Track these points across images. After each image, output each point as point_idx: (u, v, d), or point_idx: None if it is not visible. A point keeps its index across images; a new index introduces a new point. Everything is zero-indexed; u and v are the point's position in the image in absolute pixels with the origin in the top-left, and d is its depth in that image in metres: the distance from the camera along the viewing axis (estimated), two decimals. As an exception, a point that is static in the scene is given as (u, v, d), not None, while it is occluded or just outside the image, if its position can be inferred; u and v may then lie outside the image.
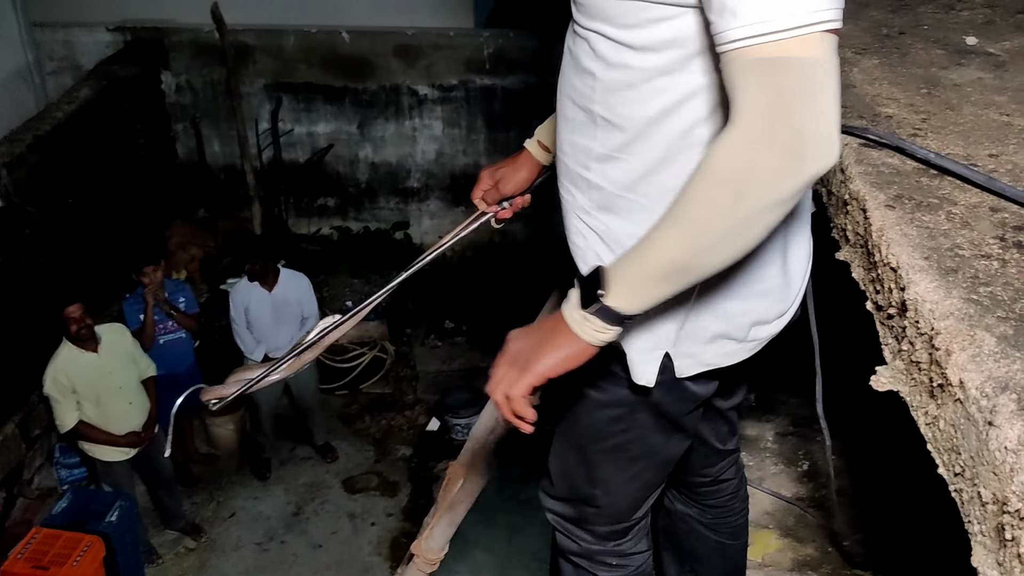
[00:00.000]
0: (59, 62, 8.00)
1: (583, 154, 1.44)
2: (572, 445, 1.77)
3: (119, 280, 7.15)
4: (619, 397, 1.59)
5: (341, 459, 6.76)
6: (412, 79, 8.03)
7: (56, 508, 5.43)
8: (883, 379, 1.04)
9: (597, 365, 1.50)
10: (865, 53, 1.72)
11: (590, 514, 1.85)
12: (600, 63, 1.32)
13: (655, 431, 1.65)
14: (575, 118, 1.44)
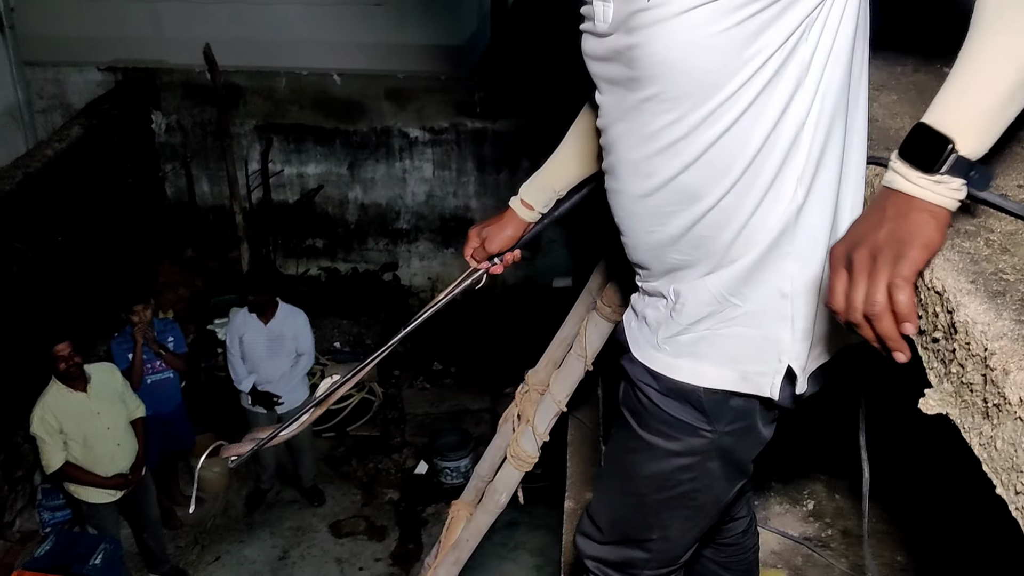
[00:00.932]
0: (49, 100, 8.01)
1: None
2: (629, 492, 1.73)
3: (107, 319, 7.08)
4: (692, 446, 1.57)
5: (328, 502, 6.67)
6: (403, 121, 8.08)
7: (39, 551, 5.32)
8: (931, 402, 1.04)
9: (667, 415, 1.56)
10: (883, 90, 1.75)
11: (639, 559, 1.81)
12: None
13: (722, 479, 1.64)
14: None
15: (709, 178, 1.35)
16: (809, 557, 2.76)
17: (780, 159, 1.33)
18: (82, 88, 7.99)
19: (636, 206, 1.48)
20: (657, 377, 1.56)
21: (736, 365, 1.47)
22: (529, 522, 5.91)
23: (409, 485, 6.89)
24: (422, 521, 6.54)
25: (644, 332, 1.59)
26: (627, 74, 1.37)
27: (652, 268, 1.55)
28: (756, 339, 1.45)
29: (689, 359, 1.51)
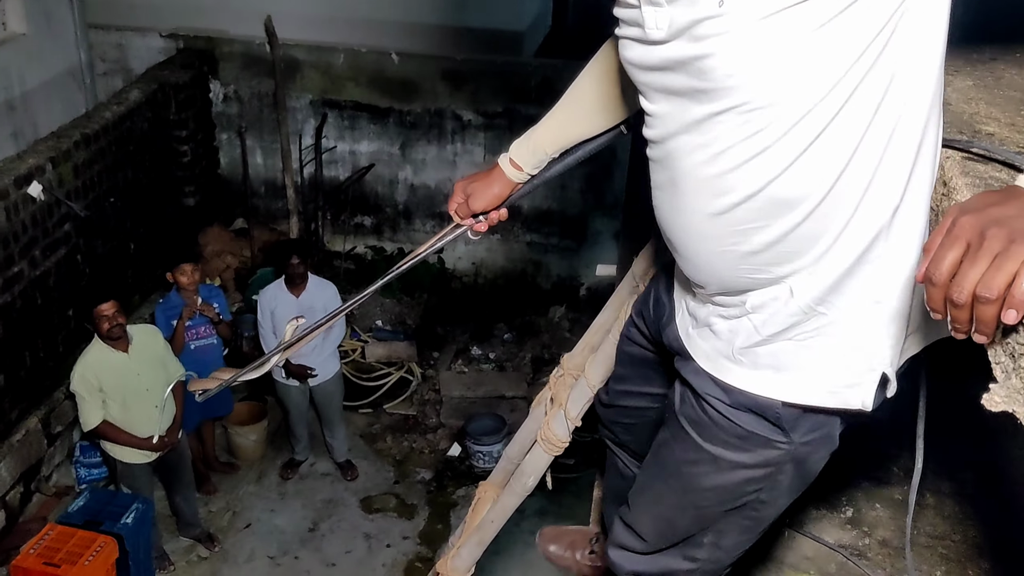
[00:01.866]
0: (111, 64, 8.10)
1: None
2: (686, 504, 1.64)
3: (154, 283, 7.17)
4: (766, 458, 1.49)
5: (360, 478, 6.68)
6: (457, 104, 8.04)
7: (73, 506, 5.39)
8: (996, 398, 0.97)
9: (739, 428, 1.47)
10: (957, 75, 1.66)
11: (682, 571, 1.74)
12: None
13: (789, 489, 1.57)
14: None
15: (802, 186, 1.25)
16: (843, 565, 2.67)
17: (878, 157, 1.23)
18: (143, 53, 8.07)
19: (707, 225, 1.34)
20: (728, 391, 1.46)
21: (823, 378, 1.37)
22: (558, 512, 5.85)
23: (441, 466, 6.89)
24: (452, 503, 6.53)
25: (712, 342, 1.47)
26: (693, 85, 1.25)
27: (723, 285, 1.42)
28: (845, 350, 1.35)
29: (769, 371, 1.40)
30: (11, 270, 5.68)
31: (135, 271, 7.14)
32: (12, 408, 5.83)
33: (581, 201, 8.14)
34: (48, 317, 6.10)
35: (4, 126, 6.61)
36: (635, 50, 1.33)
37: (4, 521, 5.77)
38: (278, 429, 6.95)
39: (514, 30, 8.00)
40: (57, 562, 4.94)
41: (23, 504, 5.96)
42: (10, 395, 5.79)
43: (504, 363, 7.93)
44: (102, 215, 6.60)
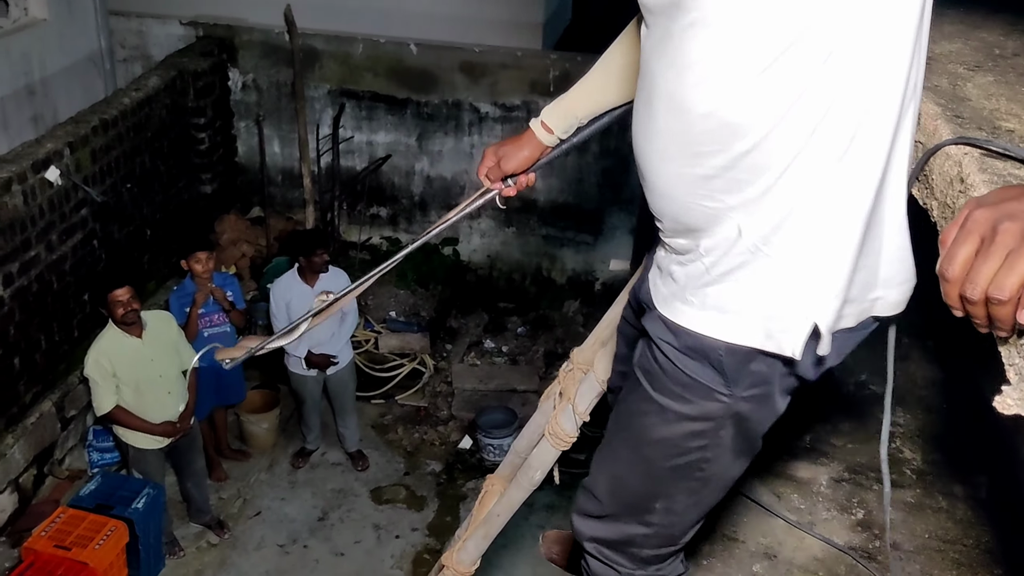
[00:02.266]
0: (131, 51, 8.12)
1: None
2: (636, 459, 1.68)
3: (169, 269, 7.20)
4: (707, 411, 1.53)
5: (371, 468, 6.69)
6: (475, 96, 8.02)
7: (84, 489, 5.41)
8: (1009, 400, 0.94)
9: (684, 375, 1.52)
10: (978, 71, 1.63)
11: (639, 536, 1.77)
12: None
13: (732, 450, 1.60)
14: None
15: (751, 114, 1.29)
16: (853, 567, 2.64)
17: (826, 105, 1.26)
18: (163, 41, 8.08)
19: (669, 143, 1.41)
20: (678, 333, 1.51)
21: (763, 321, 1.41)
22: (567, 507, 5.81)
23: (452, 458, 6.88)
24: (462, 495, 6.52)
25: (670, 287, 1.53)
26: (668, 2, 1.32)
27: (679, 218, 1.47)
28: (786, 294, 1.39)
29: (715, 312, 1.45)
30: (28, 254, 5.70)
31: (151, 257, 7.16)
32: (27, 391, 5.86)
33: (598, 195, 8.10)
34: (64, 301, 6.12)
35: (24, 111, 6.64)
36: None
37: (17, 503, 5.81)
38: (290, 417, 6.96)
39: (534, 22, 7.96)
40: (68, 545, 4.97)
41: (36, 487, 5.99)
42: (25, 378, 5.82)
43: (517, 357, 7.91)
44: (119, 201, 6.62)
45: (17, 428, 5.78)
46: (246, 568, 5.85)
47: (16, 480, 5.78)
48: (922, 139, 1.42)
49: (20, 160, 5.69)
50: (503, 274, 8.63)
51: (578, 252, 8.40)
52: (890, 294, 1.49)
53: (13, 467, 5.73)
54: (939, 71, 1.61)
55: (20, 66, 6.56)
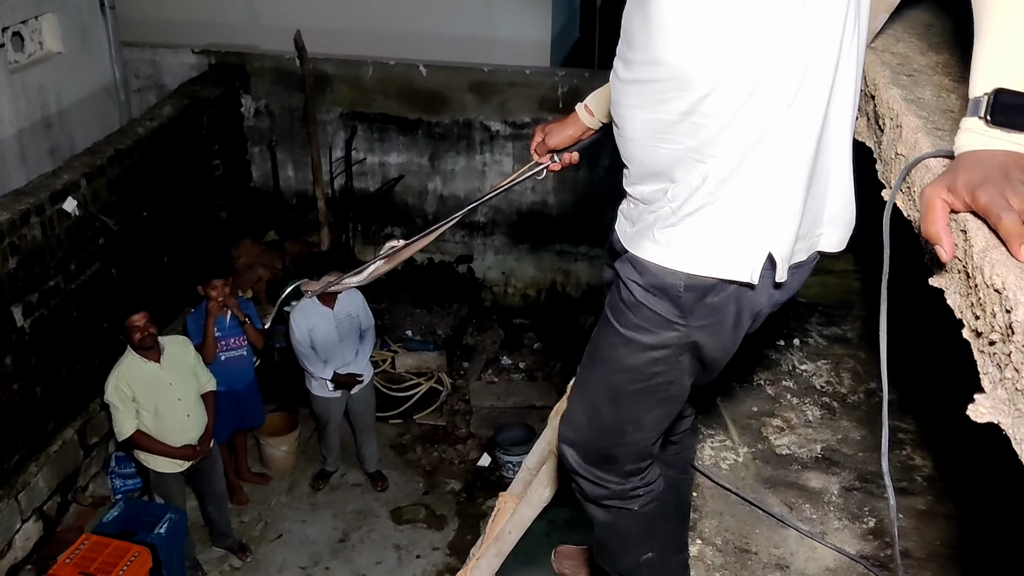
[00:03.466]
0: (144, 80, 8.25)
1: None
2: (608, 386, 1.88)
3: (186, 295, 7.27)
4: (666, 339, 1.73)
5: (390, 488, 6.71)
6: (485, 114, 8.08)
7: (107, 516, 5.47)
8: (982, 409, 0.96)
9: (647, 310, 1.72)
10: (963, 82, 1.64)
11: (618, 454, 1.98)
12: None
13: (689, 373, 1.82)
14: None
15: (704, 65, 1.49)
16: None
17: (773, 55, 1.46)
18: (176, 70, 8.21)
19: (640, 92, 1.60)
20: (643, 272, 1.68)
21: (720, 252, 1.60)
22: (587, 523, 5.84)
23: (471, 477, 6.90)
24: (482, 513, 6.52)
25: (639, 229, 1.71)
26: None
27: (646, 161, 1.67)
28: (744, 228, 1.58)
29: (678, 247, 1.63)
30: (47, 284, 5.79)
31: (168, 284, 7.24)
32: (49, 419, 5.94)
33: (611, 210, 8.11)
34: (83, 330, 6.20)
35: (42, 143, 6.75)
36: None
37: (42, 531, 5.87)
38: (309, 439, 7.00)
39: (542, 40, 8.02)
40: (93, 571, 5.02)
41: (60, 514, 6.06)
42: (47, 407, 5.90)
43: (534, 373, 7.93)
44: (136, 229, 6.70)
45: (40, 456, 5.85)
46: (268, 591, 5.90)
47: (41, 508, 5.85)
48: (904, 151, 1.44)
49: (38, 192, 5.78)
50: (518, 290, 8.66)
51: (592, 267, 8.42)
52: (834, 232, 1.70)
53: (37, 495, 5.80)
54: (924, 83, 1.63)
55: (37, 99, 6.67)
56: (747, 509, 2.93)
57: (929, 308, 1.46)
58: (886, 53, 1.84)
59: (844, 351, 3.80)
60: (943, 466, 3.05)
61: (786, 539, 2.80)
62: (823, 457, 3.17)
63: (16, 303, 5.53)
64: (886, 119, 1.57)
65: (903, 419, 3.30)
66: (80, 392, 6.22)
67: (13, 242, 5.46)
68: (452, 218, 2.42)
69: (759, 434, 3.30)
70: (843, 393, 3.52)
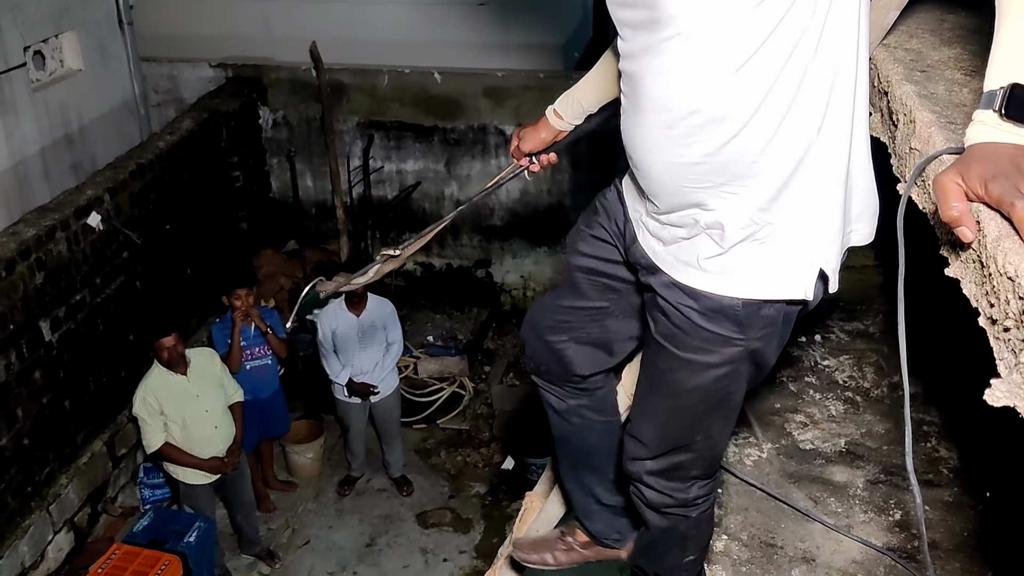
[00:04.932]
0: (164, 95, 8.34)
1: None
2: (674, 408, 1.92)
3: (210, 305, 7.35)
4: (728, 356, 1.77)
5: (416, 493, 6.76)
6: (500, 119, 8.12)
7: (137, 526, 5.54)
8: (998, 393, 0.99)
9: (706, 332, 1.74)
10: (976, 76, 1.67)
11: (687, 461, 2.01)
12: None
13: (748, 377, 1.86)
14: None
15: (729, 108, 1.51)
16: (892, 568, 2.65)
17: (796, 86, 1.49)
18: (194, 83, 8.30)
19: (658, 137, 1.61)
20: (697, 297, 1.71)
21: (773, 275, 1.65)
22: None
23: (496, 480, 6.93)
24: (507, 516, 6.56)
25: (680, 255, 1.72)
26: (648, 16, 1.52)
27: (673, 199, 1.68)
28: (790, 249, 1.63)
29: (730, 275, 1.67)
30: (74, 298, 5.87)
31: (192, 295, 7.32)
32: (78, 432, 6.02)
33: (627, 211, 8.13)
34: (110, 343, 6.29)
35: (64, 159, 6.85)
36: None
37: (73, 542, 5.95)
38: (334, 446, 7.06)
39: (555, 43, 8.06)
40: (124, 581, 5.09)
41: (91, 525, 6.14)
42: (75, 419, 5.98)
43: (555, 375, 7.94)
44: (159, 242, 6.78)
45: (70, 468, 5.93)
46: (297, 597, 5.95)
47: (72, 519, 5.92)
48: (918, 146, 1.46)
49: (62, 208, 5.87)
50: (537, 293, 8.68)
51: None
52: (862, 227, 1.74)
53: (68, 506, 5.88)
54: (936, 78, 1.65)
55: (58, 116, 6.77)
56: (772, 504, 2.95)
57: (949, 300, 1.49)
58: (899, 49, 1.86)
59: (866, 345, 3.80)
60: (969, 458, 3.05)
61: (812, 533, 2.81)
62: (847, 451, 3.18)
63: (44, 318, 5.62)
64: (900, 115, 1.60)
65: (928, 412, 3.31)
66: (108, 404, 6.30)
67: (40, 258, 5.55)
68: (442, 222, 2.57)
69: (782, 430, 3.32)
70: (866, 387, 3.53)
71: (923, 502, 2.86)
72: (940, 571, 2.60)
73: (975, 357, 1.53)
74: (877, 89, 1.84)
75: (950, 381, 3.36)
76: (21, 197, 6.31)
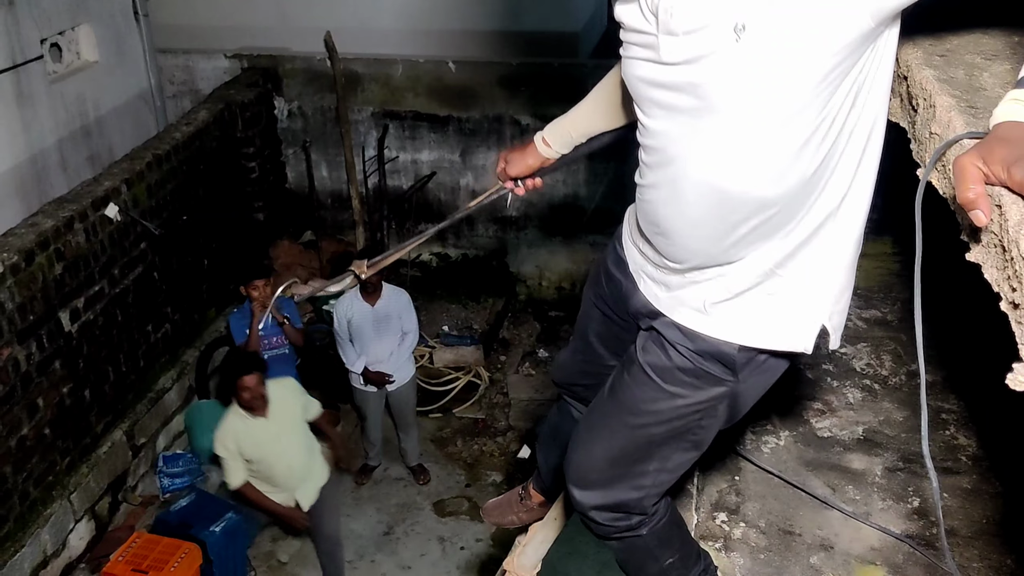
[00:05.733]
0: (179, 86, 8.37)
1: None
2: (641, 436, 1.91)
3: (227, 297, 7.39)
4: (713, 394, 1.81)
5: (432, 481, 6.79)
6: (515, 109, 8.11)
7: (176, 505, 5.62)
8: (1021, 377, 0.98)
9: (698, 369, 1.78)
10: (996, 59, 1.66)
11: (632, 500, 2.02)
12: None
13: (721, 420, 1.89)
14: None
15: (780, 189, 1.54)
16: (911, 555, 2.65)
17: (833, 164, 1.54)
18: (210, 74, 8.32)
19: (703, 215, 1.61)
20: (694, 339, 1.76)
21: (776, 326, 1.70)
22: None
23: (512, 468, 6.94)
24: (523, 505, 6.57)
25: (685, 298, 1.76)
26: (696, 104, 1.50)
27: (702, 264, 1.70)
28: (796, 304, 1.68)
29: (733, 321, 1.71)
30: (92, 289, 5.91)
31: (209, 286, 7.36)
32: (98, 422, 6.07)
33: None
34: (128, 333, 6.33)
35: (81, 151, 6.89)
36: (645, 69, 1.59)
37: (94, 530, 6.01)
38: (351, 435, 7.09)
39: (569, 32, 8.04)
40: (145, 568, 5.14)
41: (111, 514, 6.19)
42: (95, 409, 6.03)
43: (571, 364, 7.94)
44: (176, 232, 6.82)
45: (91, 458, 5.98)
46: (316, 584, 5.99)
47: (92, 508, 5.98)
48: (938, 131, 1.46)
49: (80, 199, 5.91)
50: (552, 283, 8.69)
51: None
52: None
53: (89, 496, 5.94)
54: (956, 62, 1.64)
55: (75, 108, 6.81)
56: (790, 491, 2.95)
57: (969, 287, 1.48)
58: (918, 33, 1.85)
59: (884, 333, 3.79)
60: (988, 445, 3.04)
61: (830, 520, 2.82)
62: (865, 439, 3.18)
63: (63, 308, 5.66)
64: (919, 99, 1.59)
65: (947, 399, 3.30)
66: (127, 394, 6.35)
67: (58, 248, 5.59)
68: (418, 238, 2.58)
69: (800, 418, 3.32)
70: (884, 375, 3.53)
71: (941, 489, 2.86)
72: (958, 558, 2.60)
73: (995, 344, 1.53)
74: (896, 74, 1.83)
75: (969, 369, 3.35)
76: (39, 188, 6.36)
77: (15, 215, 5.89)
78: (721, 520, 2.85)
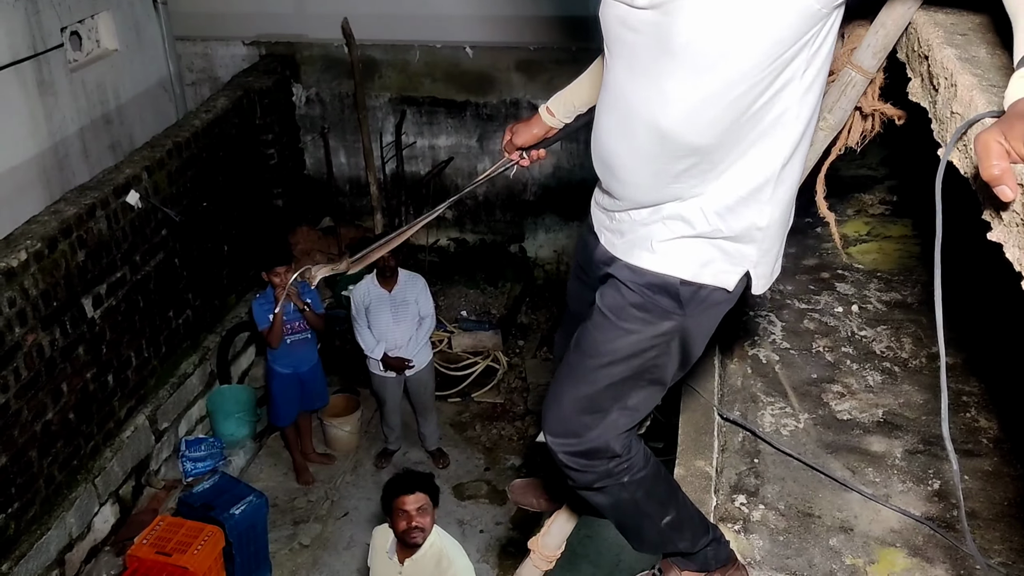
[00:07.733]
0: (198, 74, 8.41)
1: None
2: (603, 375, 2.03)
3: (248, 282, 7.44)
4: (664, 328, 1.98)
5: (452, 465, 6.82)
6: (532, 93, 8.09)
7: (200, 487, 5.71)
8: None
9: (648, 303, 1.96)
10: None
11: (604, 437, 2.09)
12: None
13: (675, 359, 2.05)
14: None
15: (716, 135, 1.73)
16: (931, 537, 2.65)
17: (773, 134, 1.75)
18: (228, 62, 8.35)
19: (648, 152, 1.81)
20: (643, 274, 1.95)
21: (713, 266, 1.92)
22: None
23: (531, 453, 6.97)
24: (542, 489, 6.60)
25: (634, 241, 1.97)
26: (654, 47, 1.69)
27: (645, 200, 1.91)
28: (731, 252, 1.91)
29: (673, 259, 1.91)
30: (114, 275, 5.97)
31: (230, 272, 7.41)
32: (121, 407, 6.14)
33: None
34: (150, 318, 6.39)
35: (102, 139, 6.93)
36: (618, 9, 1.75)
37: (119, 514, 6.08)
38: (371, 420, 7.14)
39: (585, 15, 8.00)
40: (168, 551, 5.20)
41: (135, 498, 6.27)
42: (119, 394, 6.10)
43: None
44: (196, 219, 6.86)
45: (114, 442, 6.05)
46: (338, 567, 6.04)
47: (116, 492, 6.05)
48: (959, 110, 1.45)
49: (102, 186, 5.95)
50: (570, 267, 8.68)
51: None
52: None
53: (113, 480, 6.01)
54: (978, 41, 1.64)
55: (96, 96, 6.85)
56: (809, 474, 2.96)
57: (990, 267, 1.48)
58: (939, 13, 1.84)
59: (904, 316, 3.78)
60: (1009, 428, 3.04)
61: (849, 502, 2.82)
62: (885, 421, 3.18)
63: (86, 295, 5.72)
64: (940, 79, 1.59)
65: (967, 382, 3.29)
66: (149, 380, 6.41)
67: (81, 236, 5.64)
68: (417, 223, 2.60)
69: (819, 400, 3.32)
70: (904, 358, 3.52)
71: (961, 471, 2.86)
72: (979, 540, 2.60)
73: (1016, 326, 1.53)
74: (917, 53, 1.82)
75: (990, 351, 3.34)
76: (61, 176, 6.41)
77: (38, 203, 5.94)
78: (740, 502, 2.86)
